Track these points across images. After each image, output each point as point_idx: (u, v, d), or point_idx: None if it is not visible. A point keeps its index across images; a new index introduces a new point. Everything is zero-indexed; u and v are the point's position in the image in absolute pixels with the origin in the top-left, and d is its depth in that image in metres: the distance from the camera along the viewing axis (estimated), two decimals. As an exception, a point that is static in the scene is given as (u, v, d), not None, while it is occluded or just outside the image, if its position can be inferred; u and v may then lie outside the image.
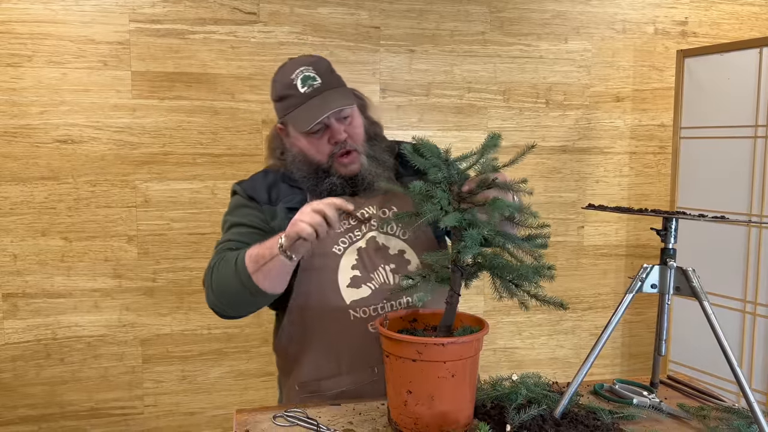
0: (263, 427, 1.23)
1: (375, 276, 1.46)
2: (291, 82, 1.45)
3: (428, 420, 1.15)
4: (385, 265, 1.47)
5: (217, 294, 1.39)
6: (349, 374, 1.44)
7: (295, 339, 1.49)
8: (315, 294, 1.44)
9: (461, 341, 1.14)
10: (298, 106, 1.44)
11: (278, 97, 1.49)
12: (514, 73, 2.72)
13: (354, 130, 1.49)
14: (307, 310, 1.45)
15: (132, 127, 2.37)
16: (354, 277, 1.44)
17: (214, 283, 1.38)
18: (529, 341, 2.90)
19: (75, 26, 2.29)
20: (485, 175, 1.17)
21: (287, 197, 1.49)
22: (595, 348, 1.24)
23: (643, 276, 1.25)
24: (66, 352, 2.42)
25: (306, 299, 1.45)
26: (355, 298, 1.43)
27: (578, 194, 2.86)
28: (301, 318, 1.46)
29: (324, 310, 1.43)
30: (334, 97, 1.44)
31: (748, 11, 2.90)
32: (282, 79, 1.48)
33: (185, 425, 2.55)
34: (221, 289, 1.37)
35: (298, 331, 1.48)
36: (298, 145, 1.49)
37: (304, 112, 1.43)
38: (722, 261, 2.48)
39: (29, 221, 2.33)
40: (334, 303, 1.43)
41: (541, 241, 1.18)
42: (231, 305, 1.40)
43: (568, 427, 1.17)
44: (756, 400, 1.14)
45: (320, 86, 1.44)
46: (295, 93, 1.44)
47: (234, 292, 1.35)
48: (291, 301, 1.46)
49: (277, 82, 1.50)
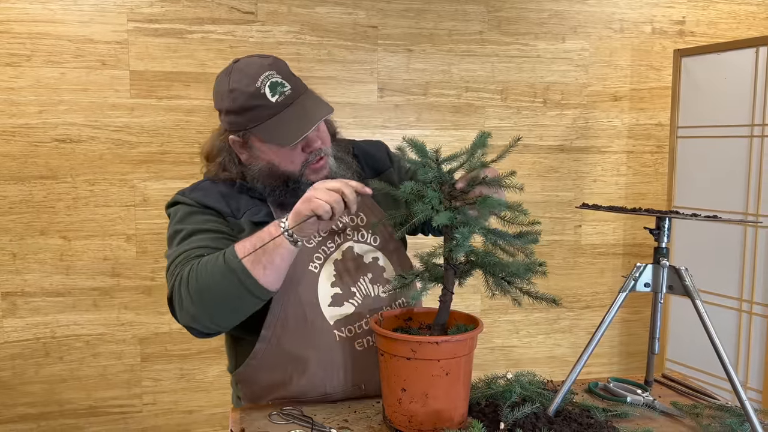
0: (259, 425, 1.24)
1: (356, 290, 1.38)
2: (257, 91, 1.29)
3: (422, 418, 1.16)
4: (363, 276, 1.39)
5: (200, 304, 1.21)
6: (334, 394, 1.36)
7: (269, 366, 1.35)
8: (293, 318, 1.32)
9: (455, 339, 1.15)
10: (270, 118, 1.29)
11: (240, 108, 1.30)
12: (512, 72, 2.73)
13: (323, 135, 1.38)
14: (286, 335, 1.32)
15: (130, 127, 2.38)
16: (335, 294, 1.35)
17: (195, 292, 1.20)
18: (526, 340, 2.91)
19: (73, 26, 2.30)
20: (476, 172, 1.18)
21: (249, 210, 1.36)
22: (589, 346, 1.25)
23: (636, 275, 1.26)
24: (65, 350, 2.43)
25: (284, 323, 1.32)
26: (338, 317, 1.34)
27: (576, 193, 2.86)
28: (278, 344, 1.33)
29: (306, 335, 1.32)
30: (309, 106, 1.33)
31: (745, 10, 2.91)
32: (243, 87, 1.30)
33: (184, 423, 2.56)
34: (206, 297, 1.20)
35: (273, 359, 1.34)
36: (265, 157, 1.34)
37: (282, 125, 1.29)
38: (719, 260, 2.49)
39: (28, 220, 2.34)
40: (316, 326, 1.32)
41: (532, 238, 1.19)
42: (218, 315, 1.24)
43: (562, 425, 1.18)
44: (747, 398, 1.15)
45: (291, 93, 1.31)
46: (266, 103, 1.29)
47: (225, 296, 1.20)
48: (265, 329, 1.32)
49: (237, 92, 1.30)
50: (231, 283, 1.18)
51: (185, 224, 1.35)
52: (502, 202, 1.13)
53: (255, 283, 1.18)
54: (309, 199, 1.17)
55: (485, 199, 1.12)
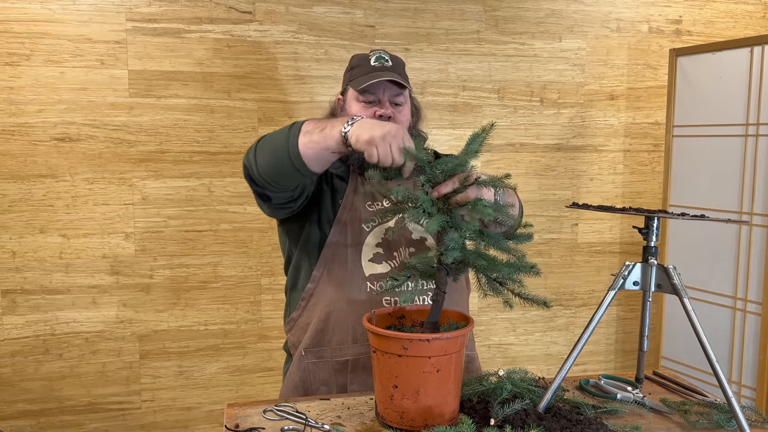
0: (253, 421, 1.25)
1: (397, 254, 1.55)
2: (366, 57, 1.60)
3: (414, 414, 1.18)
4: (405, 248, 1.56)
5: (260, 149, 1.40)
6: (356, 344, 1.51)
7: (312, 306, 1.57)
8: (338, 263, 1.53)
9: (446, 337, 1.16)
10: (363, 75, 1.56)
11: (350, 66, 1.63)
12: (509, 71, 2.74)
13: (400, 117, 1.58)
14: (330, 278, 1.54)
15: (129, 125, 2.40)
16: (377, 253, 1.54)
17: (263, 141, 1.41)
18: (523, 337, 2.92)
19: (72, 25, 2.32)
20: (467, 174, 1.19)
21: (335, 163, 1.51)
22: (578, 344, 1.26)
23: (625, 273, 1.27)
24: (64, 347, 2.45)
25: (330, 267, 1.54)
26: (374, 272, 1.53)
27: (572, 192, 2.88)
28: (322, 285, 1.55)
29: (344, 279, 1.52)
30: (393, 75, 1.54)
31: (742, 10, 2.92)
32: (359, 55, 1.64)
33: (182, 420, 2.59)
34: (266, 145, 1.39)
35: (315, 298, 1.56)
36: (349, 111, 1.59)
37: (365, 77, 1.54)
38: (713, 258, 2.50)
39: (27, 218, 2.36)
40: (355, 273, 1.52)
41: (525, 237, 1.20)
42: (265, 161, 1.38)
43: (551, 421, 1.20)
44: (734, 394, 1.17)
45: (390, 66, 1.58)
46: (365, 64, 1.58)
47: (275, 145, 1.36)
48: (316, 269, 1.55)
49: (354, 58, 1.65)
50: (282, 138, 1.34)
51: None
52: (492, 205, 1.14)
53: (295, 145, 1.31)
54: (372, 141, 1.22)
55: (476, 204, 1.14)
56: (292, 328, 1.63)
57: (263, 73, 2.49)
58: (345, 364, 1.52)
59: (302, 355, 1.56)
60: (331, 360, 1.53)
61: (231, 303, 2.57)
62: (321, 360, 1.54)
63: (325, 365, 1.54)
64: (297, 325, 1.61)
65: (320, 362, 1.54)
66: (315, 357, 1.54)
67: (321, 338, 1.54)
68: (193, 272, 2.51)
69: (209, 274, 2.53)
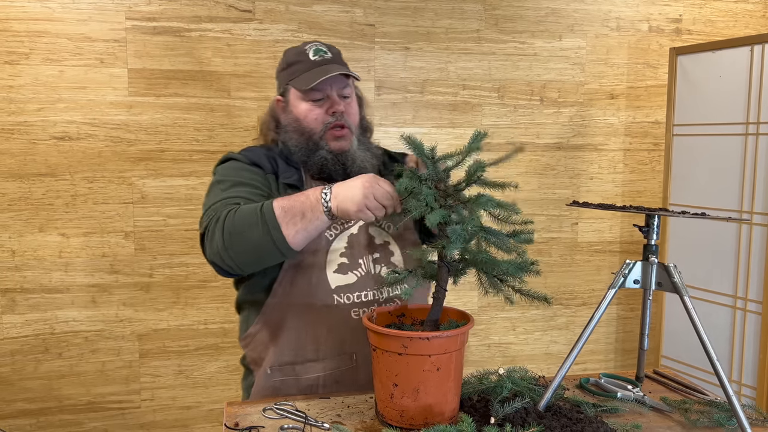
0: (252, 420, 1.25)
1: (362, 262, 1.48)
2: (303, 51, 1.51)
3: (414, 412, 1.17)
4: (369, 255, 1.49)
5: (230, 244, 1.29)
6: (326, 360, 1.45)
7: (274, 321, 1.48)
8: (301, 276, 1.44)
9: (445, 335, 1.16)
10: (306, 71, 1.48)
11: (286, 64, 1.54)
12: (509, 70, 2.74)
13: (350, 111, 1.52)
14: (293, 291, 1.44)
15: (128, 124, 2.40)
16: (341, 263, 1.46)
17: (227, 233, 1.29)
18: (523, 336, 2.92)
19: (72, 24, 2.32)
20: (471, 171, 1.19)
21: (285, 172, 1.50)
22: (579, 342, 1.26)
23: (626, 272, 1.27)
24: (64, 346, 2.45)
25: (293, 280, 1.44)
26: (340, 284, 1.45)
27: (572, 191, 2.88)
28: (284, 299, 1.45)
29: (309, 293, 1.44)
30: (339, 68, 1.49)
31: (742, 8, 2.92)
32: (293, 50, 1.55)
33: (182, 419, 2.58)
34: (236, 240, 1.29)
35: (277, 313, 1.47)
36: (295, 112, 1.51)
37: (311, 74, 1.46)
38: (713, 257, 2.50)
39: (27, 217, 2.36)
40: (319, 287, 1.43)
41: (526, 237, 1.20)
42: (243, 258, 1.31)
43: (551, 420, 1.19)
44: (735, 393, 1.16)
45: (329, 58, 1.50)
46: (305, 60, 1.50)
47: (253, 244, 1.28)
48: (277, 283, 1.45)
49: (289, 53, 1.55)
50: (261, 234, 1.27)
51: (231, 176, 1.47)
52: (494, 200, 1.14)
53: (283, 240, 1.27)
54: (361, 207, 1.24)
55: (478, 198, 1.14)
56: (250, 344, 1.54)
57: (263, 72, 2.48)
58: (316, 380, 1.46)
59: (268, 374, 1.48)
60: (300, 377, 1.46)
61: (230, 302, 2.55)
62: (289, 378, 1.46)
63: (294, 383, 1.46)
64: (256, 341, 1.52)
65: (288, 380, 1.47)
66: (282, 375, 1.47)
67: (288, 355, 1.46)
68: (193, 271, 2.51)
69: (209, 273, 2.52)
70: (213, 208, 1.38)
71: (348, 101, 1.52)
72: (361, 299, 1.46)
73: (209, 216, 1.36)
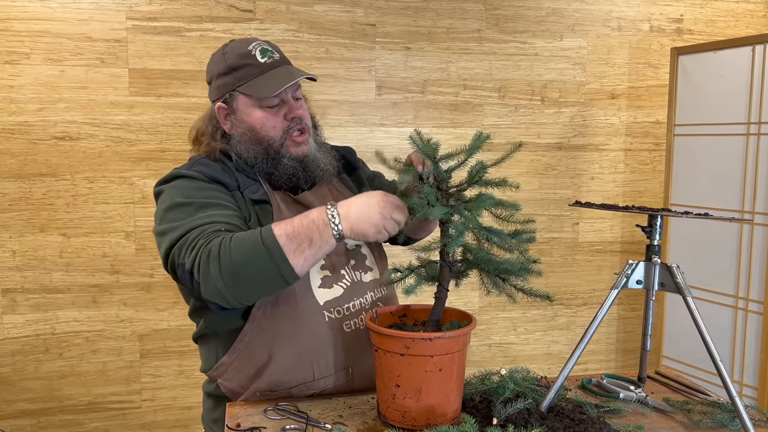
0: (254, 420, 1.25)
1: (345, 273, 1.41)
2: (248, 53, 1.37)
3: (416, 413, 1.17)
4: (346, 263, 1.43)
5: (231, 282, 1.18)
6: (322, 378, 1.37)
7: (255, 349, 1.36)
8: (284, 297, 1.33)
9: (448, 336, 1.16)
10: (258, 76, 1.37)
11: (230, 67, 1.38)
12: (510, 70, 2.74)
13: (305, 113, 1.45)
14: (276, 315, 1.34)
15: (129, 124, 2.39)
16: (325, 277, 1.38)
17: (226, 269, 1.17)
18: (524, 336, 2.92)
19: (72, 24, 2.31)
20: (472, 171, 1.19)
21: (248, 187, 1.39)
22: (581, 343, 1.26)
23: (629, 272, 1.27)
24: (64, 347, 2.44)
25: (274, 303, 1.33)
26: (328, 298, 1.37)
27: (573, 191, 2.87)
28: (267, 324, 1.34)
29: (295, 315, 1.34)
30: (294, 70, 1.40)
31: (743, 8, 2.91)
32: (235, 50, 1.39)
33: (182, 419, 2.58)
34: (239, 275, 1.17)
35: (260, 339, 1.35)
36: (249, 120, 1.39)
37: (266, 81, 1.35)
38: (715, 257, 2.50)
39: (28, 217, 2.36)
40: (307, 306, 1.34)
41: (528, 236, 1.20)
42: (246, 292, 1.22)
43: (554, 421, 1.19)
44: (737, 394, 1.16)
45: (279, 59, 1.40)
46: (253, 62, 1.37)
47: (259, 278, 1.18)
48: (255, 308, 1.33)
49: (229, 54, 1.39)
50: (266, 267, 1.17)
51: (195, 197, 1.30)
52: (495, 198, 1.14)
53: (291, 270, 1.18)
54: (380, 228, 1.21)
55: (479, 196, 1.13)
56: (224, 374, 1.41)
57: (264, 72, 2.48)
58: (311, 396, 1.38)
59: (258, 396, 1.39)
60: (295, 395, 1.38)
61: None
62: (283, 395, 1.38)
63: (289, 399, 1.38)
64: (232, 370, 1.40)
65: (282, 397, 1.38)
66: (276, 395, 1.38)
67: (278, 381, 1.36)
68: (194, 271, 2.50)
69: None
70: (190, 237, 1.23)
71: (300, 103, 1.44)
72: (350, 310, 1.40)
73: (191, 247, 1.22)
